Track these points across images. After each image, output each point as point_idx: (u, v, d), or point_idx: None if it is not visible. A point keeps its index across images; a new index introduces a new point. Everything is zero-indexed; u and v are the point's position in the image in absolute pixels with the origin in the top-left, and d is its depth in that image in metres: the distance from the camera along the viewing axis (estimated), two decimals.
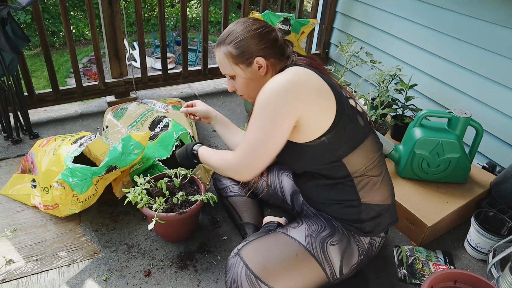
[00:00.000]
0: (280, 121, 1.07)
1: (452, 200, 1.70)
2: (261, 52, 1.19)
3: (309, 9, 3.12)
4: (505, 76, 1.92)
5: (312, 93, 1.10)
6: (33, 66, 7.20)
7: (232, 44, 1.20)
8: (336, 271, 1.20)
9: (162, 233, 1.60)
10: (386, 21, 2.58)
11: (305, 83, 1.10)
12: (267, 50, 1.20)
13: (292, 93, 1.08)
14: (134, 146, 1.61)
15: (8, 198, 1.78)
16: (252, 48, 1.19)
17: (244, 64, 1.20)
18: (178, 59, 7.56)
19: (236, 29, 1.21)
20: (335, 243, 1.20)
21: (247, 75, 1.22)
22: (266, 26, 1.22)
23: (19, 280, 1.43)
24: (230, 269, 1.17)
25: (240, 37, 1.19)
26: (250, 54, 1.19)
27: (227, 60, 1.22)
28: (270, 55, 1.21)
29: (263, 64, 1.20)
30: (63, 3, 2.13)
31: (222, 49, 1.22)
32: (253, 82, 1.23)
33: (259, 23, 1.22)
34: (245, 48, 1.19)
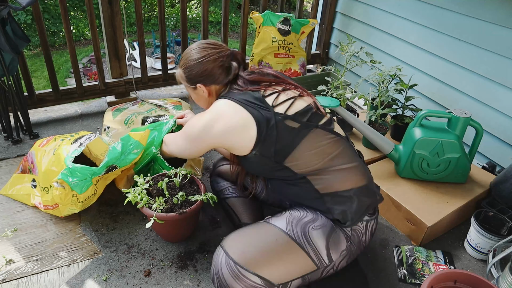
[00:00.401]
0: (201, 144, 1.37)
1: (452, 200, 1.70)
2: (202, 80, 1.37)
3: (309, 9, 3.12)
4: (505, 76, 1.92)
5: (227, 132, 1.26)
6: (33, 66, 7.19)
7: (182, 69, 1.41)
8: (323, 256, 1.19)
9: (162, 233, 1.60)
10: (386, 21, 2.58)
11: (219, 124, 1.27)
12: (207, 79, 1.36)
13: (208, 134, 1.30)
14: (133, 145, 1.61)
15: (8, 198, 1.78)
16: (194, 75, 1.37)
17: (191, 87, 1.42)
18: (178, 59, 7.55)
19: (187, 54, 1.39)
20: (318, 227, 1.21)
21: (195, 95, 1.45)
22: (210, 55, 1.35)
23: (19, 280, 1.43)
24: (214, 260, 1.20)
25: (187, 64, 1.38)
26: (193, 80, 1.38)
27: (181, 80, 1.44)
28: (210, 82, 1.37)
29: (204, 90, 1.39)
30: (63, 3, 2.13)
31: (178, 70, 1.44)
32: (201, 100, 1.45)
33: (206, 50, 1.36)
34: (190, 75, 1.39)
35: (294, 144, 1.22)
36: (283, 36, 2.64)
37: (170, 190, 1.55)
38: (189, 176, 1.61)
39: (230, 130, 1.27)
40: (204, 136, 1.32)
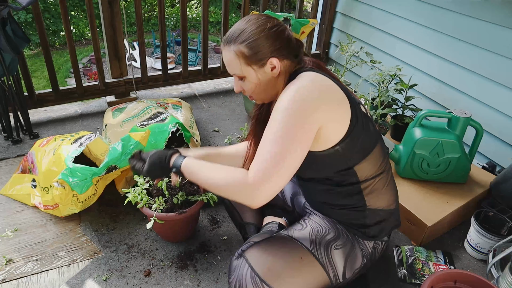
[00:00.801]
0: (305, 130, 1.02)
1: (452, 200, 1.70)
2: (276, 53, 1.13)
3: (309, 9, 3.12)
4: (505, 76, 1.92)
5: (333, 101, 1.08)
6: (33, 66, 7.19)
7: (245, 44, 1.12)
8: (339, 275, 1.20)
9: (162, 233, 1.60)
10: (386, 21, 2.58)
11: (328, 91, 1.08)
12: (281, 50, 1.14)
13: (317, 101, 1.04)
14: (134, 146, 1.61)
15: (8, 198, 1.78)
16: (266, 48, 1.12)
17: (257, 65, 1.13)
18: (178, 59, 7.55)
19: (248, 28, 1.13)
20: (339, 247, 1.20)
21: (259, 77, 1.15)
22: (280, 25, 1.16)
23: (19, 280, 1.43)
24: (235, 271, 1.16)
25: (253, 36, 1.11)
26: (264, 54, 1.12)
27: (238, 61, 1.13)
28: (285, 55, 1.14)
29: (277, 65, 1.13)
30: (63, 3, 2.13)
31: (232, 48, 1.13)
32: (265, 84, 1.16)
33: (273, 21, 1.15)
34: (259, 48, 1.12)
35: (371, 148, 1.15)
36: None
37: (170, 190, 1.54)
38: None
39: (340, 100, 1.08)
40: (309, 112, 1.02)
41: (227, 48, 1.15)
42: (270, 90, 1.17)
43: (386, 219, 1.24)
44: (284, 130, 1.01)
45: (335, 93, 1.09)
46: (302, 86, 1.06)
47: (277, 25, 1.15)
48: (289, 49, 1.16)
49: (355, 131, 1.10)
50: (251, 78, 1.15)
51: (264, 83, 1.16)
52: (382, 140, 1.23)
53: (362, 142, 1.13)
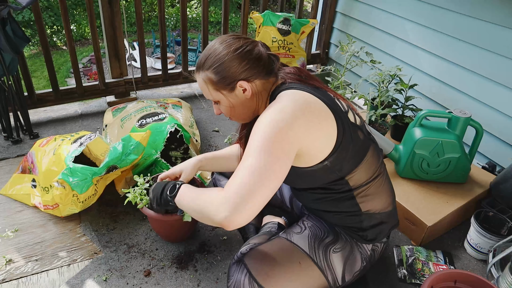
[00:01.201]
0: (281, 160, 0.97)
1: (452, 200, 1.70)
2: (244, 75, 1.10)
3: (309, 9, 3.12)
4: (505, 76, 1.92)
5: (314, 120, 1.03)
6: (33, 66, 7.19)
7: (211, 70, 1.11)
8: (338, 278, 1.19)
9: (162, 233, 1.60)
10: (386, 21, 2.58)
11: (307, 110, 1.03)
12: (250, 71, 1.10)
13: (295, 126, 1.00)
14: (134, 146, 1.61)
15: (8, 198, 1.78)
16: (233, 71, 1.09)
17: (226, 90, 1.12)
18: (178, 59, 7.55)
19: (214, 52, 1.11)
20: (338, 250, 1.20)
21: (231, 100, 1.13)
22: (247, 44, 1.12)
23: (19, 280, 1.43)
24: (233, 275, 1.16)
25: (218, 61, 1.10)
26: (232, 78, 1.10)
27: (206, 87, 1.14)
28: (254, 76, 1.11)
29: (247, 88, 1.11)
30: (63, 3, 2.13)
31: (201, 75, 1.14)
32: (239, 106, 1.14)
33: (238, 41, 1.12)
34: (225, 72, 1.09)
35: (362, 157, 1.13)
36: (283, 36, 2.64)
37: None
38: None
39: (322, 117, 1.05)
40: (283, 135, 0.98)
41: (197, 75, 1.16)
42: (247, 111, 1.16)
43: (383, 222, 1.24)
44: (259, 160, 0.95)
45: (316, 111, 1.05)
46: (279, 109, 1.01)
47: (244, 45, 1.11)
48: (259, 68, 1.12)
49: (343, 143, 1.07)
50: (224, 102, 1.15)
51: (239, 105, 1.15)
52: (375, 145, 1.21)
53: (352, 153, 1.10)
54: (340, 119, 1.08)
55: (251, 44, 1.13)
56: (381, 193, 1.21)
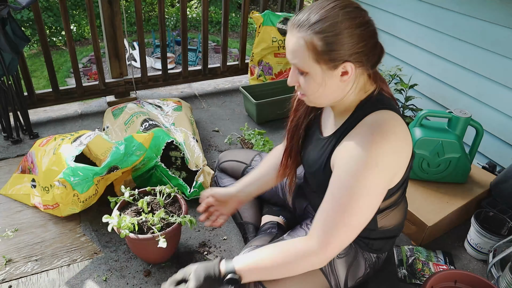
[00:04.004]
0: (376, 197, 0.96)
1: (452, 200, 1.70)
2: (354, 57, 0.93)
3: None
4: (505, 76, 1.92)
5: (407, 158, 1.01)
6: (33, 66, 7.19)
7: (321, 36, 0.91)
8: (340, 283, 1.19)
9: (136, 252, 1.51)
10: (386, 21, 2.58)
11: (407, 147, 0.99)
12: (362, 55, 0.94)
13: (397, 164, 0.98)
14: (136, 147, 1.61)
15: (8, 198, 1.77)
16: (346, 49, 0.92)
17: (327, 65, 0.94)
18: (178, 59, 7.56)
19: (330, 16, 0.91)
20: (342, 256, 1.18)
21: (325, 78, 0.96)
22: (371, 23, 0.95)
23: (19, 280, 1.43)
24: None
25: (334, 30, 0.90)
26: (341, 56, 0.93)
27: (305, 53, 0.93)
28: (363, 62, 0.95)
29: (350, 72, 0.95)
30: (63, 3, 2.13)
31: (302, 35, 0.93)
32: (328, 87, 0.98)
33: (364, 15, 0.94)
34: (338, 47, 0.91)
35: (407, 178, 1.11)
36: (283, 36, 2.64)
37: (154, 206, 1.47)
38: (173, 195, 1.50)
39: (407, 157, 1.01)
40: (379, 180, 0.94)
41: (295, 33, 0.94)
42: (331, 96, 1.00)
43: (392, 236, 1.23)
44: (352, 198, 0.93)
45: (410, 147, 1.00)
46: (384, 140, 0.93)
47: (368, 23, 0.95)
48: (371, 55, 0.96)
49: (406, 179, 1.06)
50: (315, 77, 0.96)
51: (328, 86, 0.98)
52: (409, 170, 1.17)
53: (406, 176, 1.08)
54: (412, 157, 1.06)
55: (373, 25, 0.96)
56: (399, 211, 1.20)
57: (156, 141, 1.75)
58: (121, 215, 1.40)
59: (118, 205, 1.46)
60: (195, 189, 1.72)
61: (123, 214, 1.44)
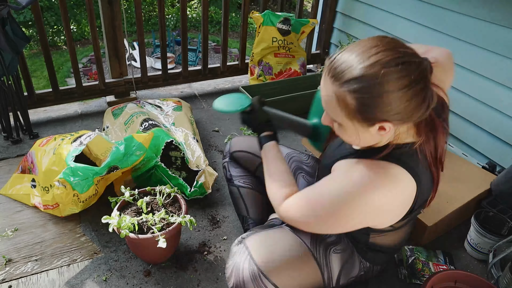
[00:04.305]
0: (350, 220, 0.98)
1: (452, 200, 1.70)
2: (394, 117, 0.84)
3: (309, 9, 3.12)
4: (505, 76, 1.92)
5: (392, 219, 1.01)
6: (33, 66, 7.19)
7: (356, 95, 0.83)
8: (333, 278, 1.19)
9: (138, 253, 1.51)
10: (386, 21, 2.58)
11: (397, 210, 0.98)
12: (404, 114, 0.84)
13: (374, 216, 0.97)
14: (136, 147, 1.61)
15: (8, 198, 1.77)
16: (383, 111, 0.83)
17: (360, 123, 0.88)
18: (178, 59, 7.56)
19: (372, 75, 0.81)
20: (338, 251, 1.19)
21: (359, 133, 0.91)
22: (418, 80, 0.82)
23: (19, 280, 1.43)
24: (233, 257, 1.15)
25: (373, 92, 0.81)
26: (377, 117, 0.85)
27: (337, 107, 0.88)
28: (404, 120, 0.86)
29: (388, 130, 0.87)
30: (63, 3, 2.13)
31: (335, 89, 0.86)
32: (362, 139, 0.93)
33: (409, 73, 0.81)
34: (374, 109, 0.83)
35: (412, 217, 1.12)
36: (283, 36, 2.64)
37: (154, 206, 1.48)
38: (173, 195, 1.51)
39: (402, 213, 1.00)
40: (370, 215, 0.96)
41: (329, 82, 0.87)
42: (365, 143, 0.95)
43: (383, 252, 1.21)
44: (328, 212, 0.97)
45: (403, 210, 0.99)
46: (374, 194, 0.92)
47: (415, 81, 0.82)
48: (417, 112, 0.85)
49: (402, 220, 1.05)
50: (348, 130, 0.92)
51: (363, 138, 0.93)
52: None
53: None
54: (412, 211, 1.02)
55: (423, 76, 0.83)
56: (396, 235, 1.17)
57: (156, 141, 1.75)
58: (121, 215, 1.40)
59: (118, 205, 1.46)
60: (195, 188, 1.72)
61: (123, 214, 1.44)
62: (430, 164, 0.98)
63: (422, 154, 0.96)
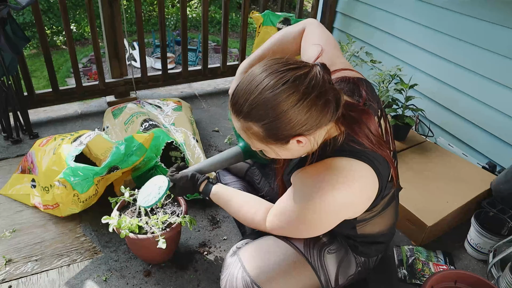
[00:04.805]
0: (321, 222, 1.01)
1: (452, 200, 1.70)
2: (303, 129, 0.88)
3: (309, 9, 3.12)
4: (505, 76, 1.92)
5: (366, 204, 1.01)
6: (33, 66, 7.20)
7: (259, 124, 0.88)
8: (331, 280, 1.19)
9: (137, 254, 1.51)
10: (386, 21, 2.58)
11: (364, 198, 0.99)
12: (311, 123, 0.88)
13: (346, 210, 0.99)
14: (136, 147, 1.61)
15: (8, 198, 1.77)
16: (290, 127, 0.87)
17: (275, 145, 0.92)
18: (178, 59, 7.56)
19: (264, 102, 0.85)
20: (333, 251, 1.19)
21: (280, 152, 0.96)
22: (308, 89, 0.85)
23: (19, 280, 1.43)
24: (227, 268, 1.17)
25: (271, 117, 0.86)
26: (287, 135, 0.88)
27: (249, 137, 0.94)
28: (315, 127, 0.89)
29: (303, 141, 0.90)
30: (63, 3, 2.13)
31: (240, 122, 0.91)
32: (289, 154, 0.98)
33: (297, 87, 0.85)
34: (280, 130, 0.87)
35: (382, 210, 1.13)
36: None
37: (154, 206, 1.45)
38: (172, 195, 1.50)
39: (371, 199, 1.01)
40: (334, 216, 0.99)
41: (234, 117, 0.92)
42: (298, 155, 1.01)
43: (378, 242, 1.21)
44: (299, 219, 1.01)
45: (371, 194, 1.00)
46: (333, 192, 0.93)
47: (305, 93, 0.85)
48: (323, 116, 0.88)
49: (373, 204, 1.05)
50: (270, 154, 0.98)
51: (288, 154, 0.97)
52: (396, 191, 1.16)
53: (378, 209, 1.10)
54: (381, 189, 1.02)
55: (315, 84, 0.86)
56: (382, 219, 1.18)
57: (156, 141, 1.75)
58: (121, 215, 1.40)
59: (118, 205, 1.46)
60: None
61: (123, 214, 1.44)
62: (372, 148, 0.97)
63: (356, 142, 0.96)
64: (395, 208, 1.21)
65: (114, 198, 1.46)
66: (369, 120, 0.98)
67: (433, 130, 2.37)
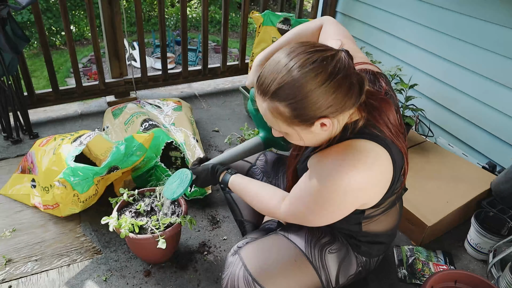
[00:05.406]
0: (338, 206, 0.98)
1: (452, 200, 1.70)
2: (328, 111, 0.88)
3: (309, 9, 3.12)
4: (505, 76, 1.92)
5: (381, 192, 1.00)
6: (33, 66, 7.20)
7: (285, 103, 0.88)
8: (332, 279, 1.19)
9: (138, 254, 1.51)
10: (386, 21, 2.58)
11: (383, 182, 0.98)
12: (336, 105, 0.88)
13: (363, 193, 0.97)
14: (136, 147, 1.61)
15: (8, 198, 1.77)
16: (316, 107, 0.87)
17: (301, 126, 0.92)
18: (178, 59, 7.56)
19: (291, 81, 0.86)
20: (334, 251, 1.19)
21: (304, 135, 0.95)
22: (335, 71, 0.86)
23: (19, 280, 1.43)
24: (229, 267, 1.17)
25: (298, 96, 0.86)
26: (313, 116, 0.89)
27: (274, 119, 0.93)
28: (340, 110, 0.89)
29: (327, 124, 0.90)
30: (63, 3, 2.13)
31: (266, 104, 0.91)
32: (312, 139, 0.97)
33: (324, 67, 0.86)
34: (305, 110, 0.88)
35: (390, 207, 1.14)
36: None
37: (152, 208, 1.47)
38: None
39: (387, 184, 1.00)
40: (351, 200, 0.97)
41: (260, 99, 0.93)
42: (316, 141, 0.99)
43: (381, 242, 1.22)
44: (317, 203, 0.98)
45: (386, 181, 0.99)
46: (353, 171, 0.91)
47: (332, 73, 0.86)
48: (348, 99, 0.89)
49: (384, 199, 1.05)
50: (293, 136, 0.97)
51: (311, 139, 0.97)
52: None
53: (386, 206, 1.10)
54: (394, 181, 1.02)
55: (341, 66, 0.87)
56: (387, 218, 1.19)
57: (156, 141, 1.75)
58: (121, 216, 1.40)
59: (118, 205, 1.46)
60: (195, 189, 1.72)
61: (123, 214, 1.44)
62: (391, 137, 0.98)
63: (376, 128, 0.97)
64: (399, 209, 1.21)
65: (114, 198, 1.46)
66: (389, 110, 0.99)
67: (433, 130, 2.37)
